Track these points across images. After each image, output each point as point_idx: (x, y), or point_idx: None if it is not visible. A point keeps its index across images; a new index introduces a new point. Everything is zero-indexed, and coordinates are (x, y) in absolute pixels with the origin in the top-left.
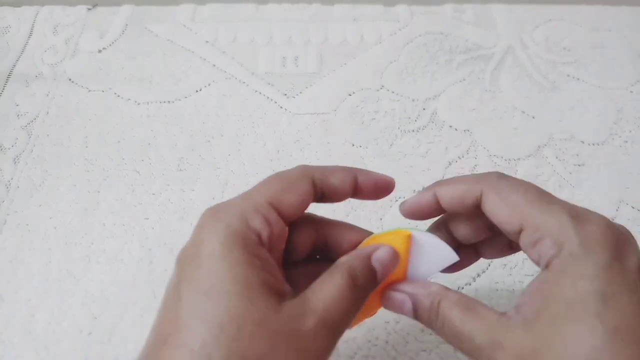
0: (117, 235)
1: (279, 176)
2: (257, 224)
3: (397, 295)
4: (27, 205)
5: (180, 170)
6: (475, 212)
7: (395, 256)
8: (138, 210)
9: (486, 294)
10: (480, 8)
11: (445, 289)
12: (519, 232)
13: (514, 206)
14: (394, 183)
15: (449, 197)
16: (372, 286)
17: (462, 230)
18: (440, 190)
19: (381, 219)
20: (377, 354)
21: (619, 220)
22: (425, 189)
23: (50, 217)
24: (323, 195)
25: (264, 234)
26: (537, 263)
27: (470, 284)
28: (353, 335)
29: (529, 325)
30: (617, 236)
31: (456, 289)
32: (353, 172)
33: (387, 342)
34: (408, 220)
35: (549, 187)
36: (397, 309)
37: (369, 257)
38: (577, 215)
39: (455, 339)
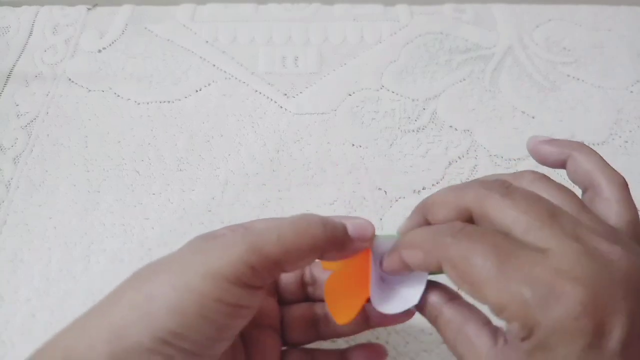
0: (117, 235)
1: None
2: (221, 231)
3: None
4: (27, 205)
5: (180, 170)
6: None
7: (367, 222)
8: (138, 210)
9: None
10: (480, 8)
11: (443, 303)
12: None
13: (472, 284)
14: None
15: (413, 264)
16: (342, 233)
17: None
18: (405, 255)
19: (381, 219)
20: None
21: None
22: (393, 250)
23: (50, 217)
24: None
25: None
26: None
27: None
28: (353, 336)
29: None
30: (597, 312)
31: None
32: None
33: (387, 342)
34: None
35: None
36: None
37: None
38: (546, 291)
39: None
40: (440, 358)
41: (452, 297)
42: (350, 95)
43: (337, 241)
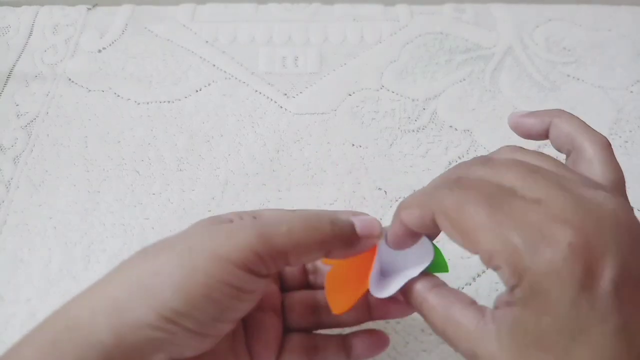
0: (117, 235)
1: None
2: (229, 216)
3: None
4: (27, 205)
5: (180, 170)
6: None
7: (375, 220)
8: (138, 210)
9: (486, 293)
10: (480, 8)
11: (427, 289)
12: (475, 254)
13: (464, 232)
14: None
15: (412, 224)
16: (350, 232)
17: None
18: (403, 216)
19: (381, 219)
20: (377, 354)
21: None
22: (394, 216)
23: (50, 217)
24: None
25: (235, 219)
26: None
27: (470, 284)
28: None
29: (502, 343)
30: (587, 253)
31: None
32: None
33: None
34: None
35: None
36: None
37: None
38: (535, 236)
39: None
40: (440, 358)
41: (436, 284)
42: (350, 95)
43: (344, 240)
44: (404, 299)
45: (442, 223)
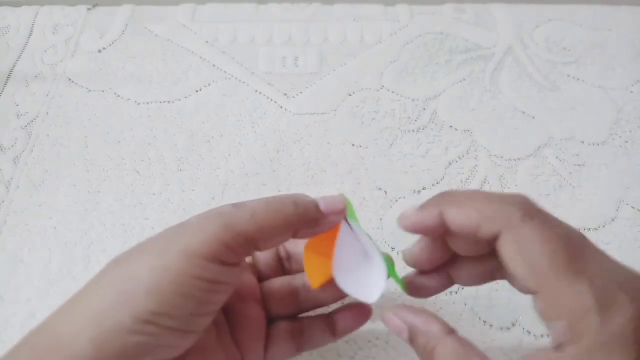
0: (117, 235)
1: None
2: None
3: (396, 322)
4: (27, 205)
5: (180, 170)
6: (486, 254)
7: (338, 196)
8: (138, 210)
9: (485, 294)
10: (480, 8)
11: (445, 333)
12: (533, 293)
13: (534, 265)
14: None
15: (458, 223)
16: (314, 210)
17: (463, 248)
18: (449, 211)
19: (381, 219)
20: (377, 354)
21: (618, 221)
22: (428, 203)
23: (50, 217)
24: None
25: None
26: (548, 332)
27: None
28: (353, 336)
29: None
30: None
31: (455, 291)
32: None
33: (387, 342)
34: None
35: (549, 187)
36: (395, 333)
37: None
38: (605, 300)
39: None
40: None
41: (451, 330)
42: (350, 95)
43: (309, 218)
44: (409, 339)
45: (507, 245)
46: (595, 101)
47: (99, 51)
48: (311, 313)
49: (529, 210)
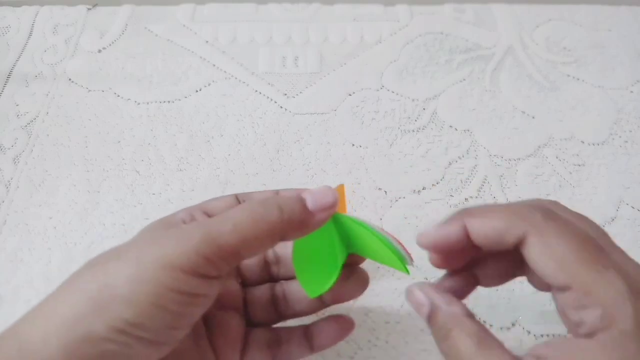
0: (117, 235)
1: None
2: (180, 214)
3: (420, 296)
4: (27, 205)
5: (180, 170)
6: (510, 250)
7: (327, 189)
8: (138, 210)
9: (486, 294)
10: (480, 8)
11: (464, 316)
12: (563, 289)
13: (563, 261)
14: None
15: (483, 233)
16: (300, 212)
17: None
18: (473, 222)
19: (381, 219)
20: (377, 354)
21: (618, 221)
22: (450, 219)
23: (50, 217)
24: None
25: (186, 219)
26: (574, 326)
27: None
28: (353, 336)
29: None
30: None
31: None
32: (276, 191)
33: (387, 342)
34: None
35: (549, 187)
36: (415, 308)
37: (296, 192)
38: (635, 286)
39: None
40: (440, 358)
41: (471, 314)
42: (350, 95)
43: (296, 222)
44: (427, 318)
45: (534, 245)
46: (595, 101)
47: (99, 51)
48: (292, 322)
49: (550, 212)
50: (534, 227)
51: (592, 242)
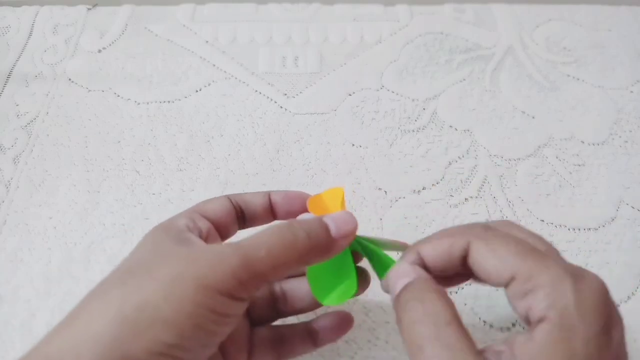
0: (117, 235)
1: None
2: (182, 220)
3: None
4: (27, 205)
5: (180, 170)
6: (459, 266)
7: (348, 215)
8: (138, 210)
9: (485, 294)
10: (480, 8)
11: (425, 282)
12: (508, 282)
13: (504, 258)
14: (305, 196)
15: (434, 254)
16: (326, 239)
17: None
18: (424, 249)
19: (381, 219)
20: (377, 354)
21: (618, 221)
22: (405, 253)
23: (50, 217)
24: (242, 213)
25: (190, 225)
26: (523, 316)
27: (470, 284)
28: (353, 336)
29: None
30: (610, 304)
31: (455, 291)
32: (266, 192)
33: (387, 342)
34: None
35: (549, 187)
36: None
37: (319, 218)
38: (573, 272)
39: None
40: None
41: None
42: (350, 95)
43: (322, 249)
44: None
45: (477, 249)
46: (595, 101)
47: (99, 51)
48: (290, 320)
49: (488, 226)
50: (476, 237)
51: (530, 245)
